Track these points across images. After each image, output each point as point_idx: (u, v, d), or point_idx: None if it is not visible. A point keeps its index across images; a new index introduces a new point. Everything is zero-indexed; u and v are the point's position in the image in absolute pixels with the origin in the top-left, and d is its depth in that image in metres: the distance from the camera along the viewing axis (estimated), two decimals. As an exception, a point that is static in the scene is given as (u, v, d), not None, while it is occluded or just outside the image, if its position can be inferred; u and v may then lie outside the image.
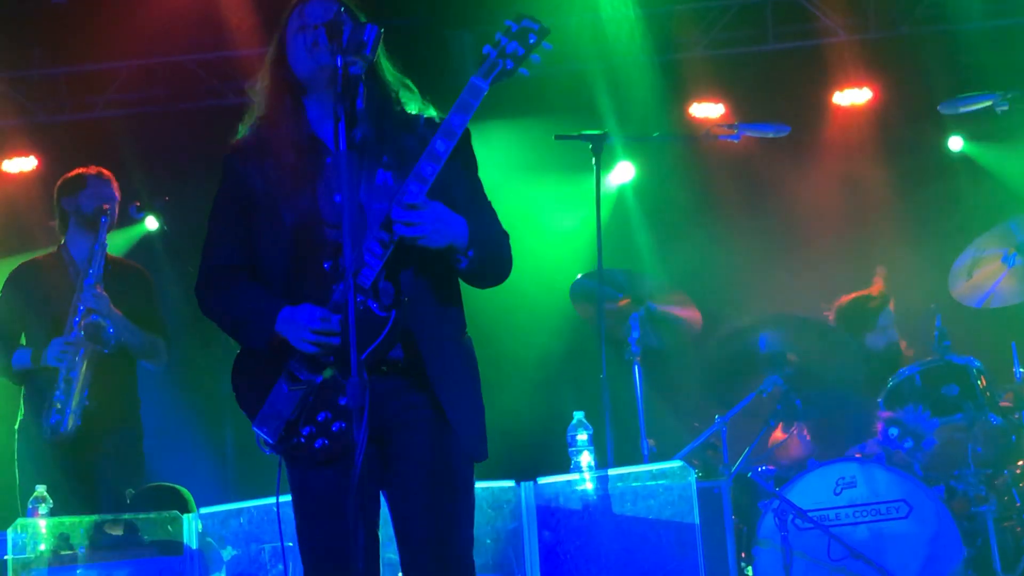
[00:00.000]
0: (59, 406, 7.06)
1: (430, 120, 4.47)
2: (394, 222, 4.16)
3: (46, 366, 7.14)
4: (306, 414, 4.29)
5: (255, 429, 4.38)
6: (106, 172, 7.61)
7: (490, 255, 4.41)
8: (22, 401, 7.37)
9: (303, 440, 4.29)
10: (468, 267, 4.33)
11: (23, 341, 7.41)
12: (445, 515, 4.31)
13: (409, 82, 4.57)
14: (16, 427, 7.35)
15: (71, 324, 7.16)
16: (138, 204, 7.52)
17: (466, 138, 4.40)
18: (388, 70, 4.51)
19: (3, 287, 7.55)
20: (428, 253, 4.25)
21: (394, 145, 4.36)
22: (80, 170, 7.57)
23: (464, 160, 4.42)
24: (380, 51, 4.47)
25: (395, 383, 4.27)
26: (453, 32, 10.27)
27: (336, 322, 4.19)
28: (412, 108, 4.52)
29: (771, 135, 7.79)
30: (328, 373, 4.25)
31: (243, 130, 4.54)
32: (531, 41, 4.30)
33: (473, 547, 4.41)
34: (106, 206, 7.38)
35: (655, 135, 9.00)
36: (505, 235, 4.53)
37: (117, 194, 7.54)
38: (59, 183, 7.56)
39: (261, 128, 4.48)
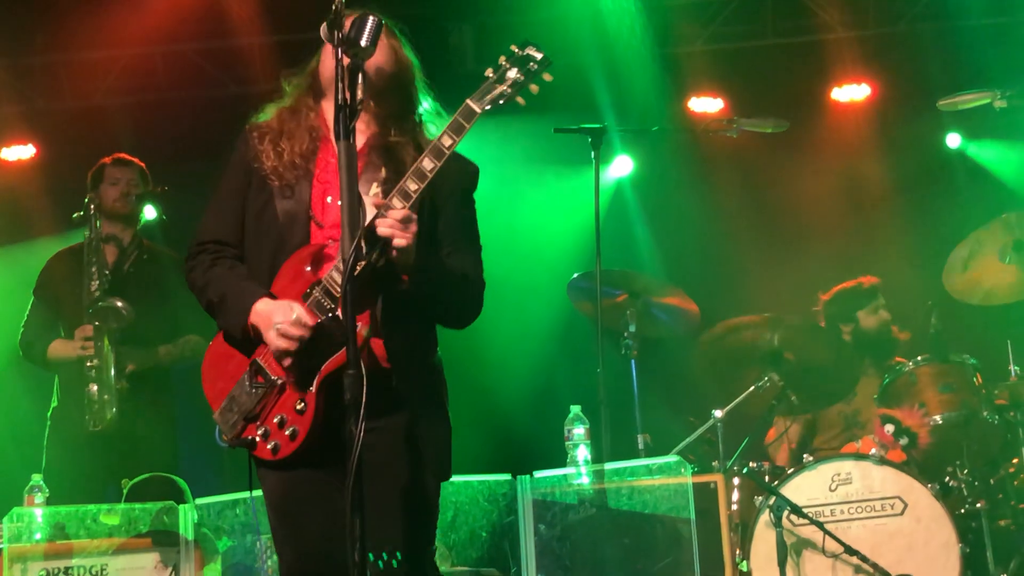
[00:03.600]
0: (95, 396, 7.08)
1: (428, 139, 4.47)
2: (378, 234, 4.15)
3: (70, 357, 7.18)
4: (264, 414, 4.31)
5: (215, 420, 4.40)
6: (126, 157, 7.62)
7: (434, 297, 4.38)
8: (56, 389, 7.40)
9: (256, 439, 4.31)
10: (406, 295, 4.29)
11: (61, 332, 7.45)
12: (406, 527, 4.29)
13: (441, 110, 4.58)
14: (48, 414, 7.39)
15: (87, 314, 7.20)
16: (136, 193, 7.52)
17: (472, 176, 4.46)
18: (420, 90, 4.54)
19: (38, 277, 7.59)
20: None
21: (397, 160, 4.38)
22: (103, 160, 7.60)
23: (462, 193, 4.45)
24: (416, 73, 4.52)
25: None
26: (453, 24, 10.28)
27: (308, 323, 4.19)
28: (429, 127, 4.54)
29: (770, 130, 7.79)
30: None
31: (269, 111, 4.60)
32: (532, 70, 4.28)
33: (434, 558, 4.42)
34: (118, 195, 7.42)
35: (654, 129, 8.99)
36: (476, 283, 4.51)
37: (141, 180, 7.55)
38: (89, 174, 7.59)
39: (281, 117, 4.54)
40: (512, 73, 4.28)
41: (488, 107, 4.27)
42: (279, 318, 4.20)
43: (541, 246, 10.12)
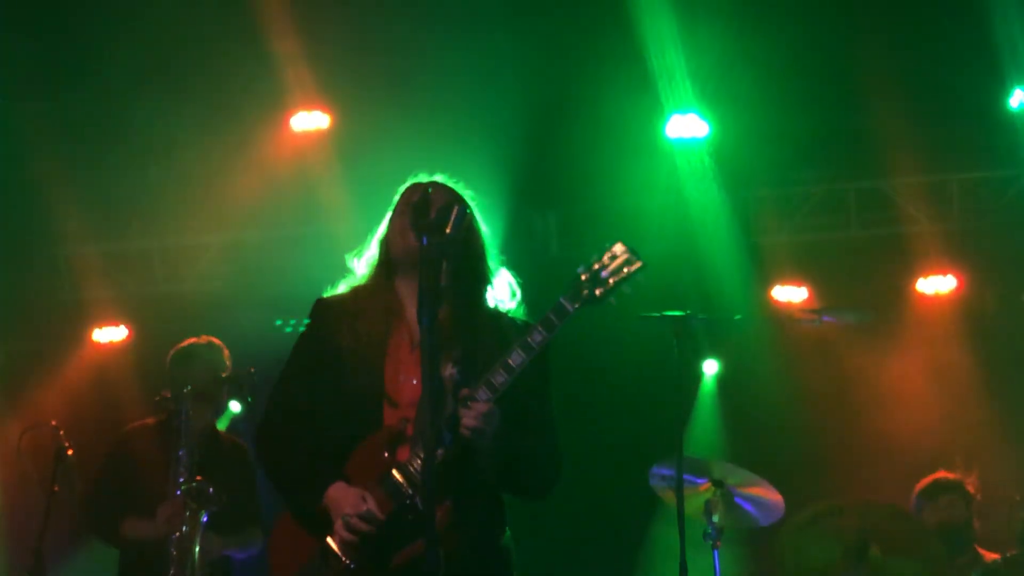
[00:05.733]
0: None
1: (513, 321, 4.51)
2: (461, 425, 4.14)
3: (156, 534, 7.05)
4: None
5: None
6: (216, 342, 7.65)
7: (514, 477, 4.39)
8: (117, 568, 7.29)
9: None
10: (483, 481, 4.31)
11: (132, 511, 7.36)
12: None
13: (513, 284, 4.62)
14: None
15: (177, 494, 7.09)
16: (222, 376, 7.54)
17: (544, 350, 4.35)
18: (490, 263, 4.57)
19: (110, 451, 7.53)
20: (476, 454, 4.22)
21: (471, 338, 4.38)
22: (191, 340, 7.62)
23: (537, 370, 4.37)
24: (486, 246, 4.55)
25: None
26: (537, 211, 10.43)
27: (378, 518, 4.17)
28: (503, 304, 4.56)
29: (854, 321, 7.77)
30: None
31: (343, 288, 4.62)
32: (625, 272, 4.27)
33: None
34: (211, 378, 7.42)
35: (737, 318, 9.00)
36: (554, 456, 4.49)
37: (228, 364, 7.57)
38: (171, 354, 7.60)
39: (355, 295, 4.56)
40: (605, 275, 4.27)
41: (581, 307, 4.26)
42: (349, 510, 4.19)
43: (623, 432, 10.07)
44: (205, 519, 6.89)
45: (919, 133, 9.74)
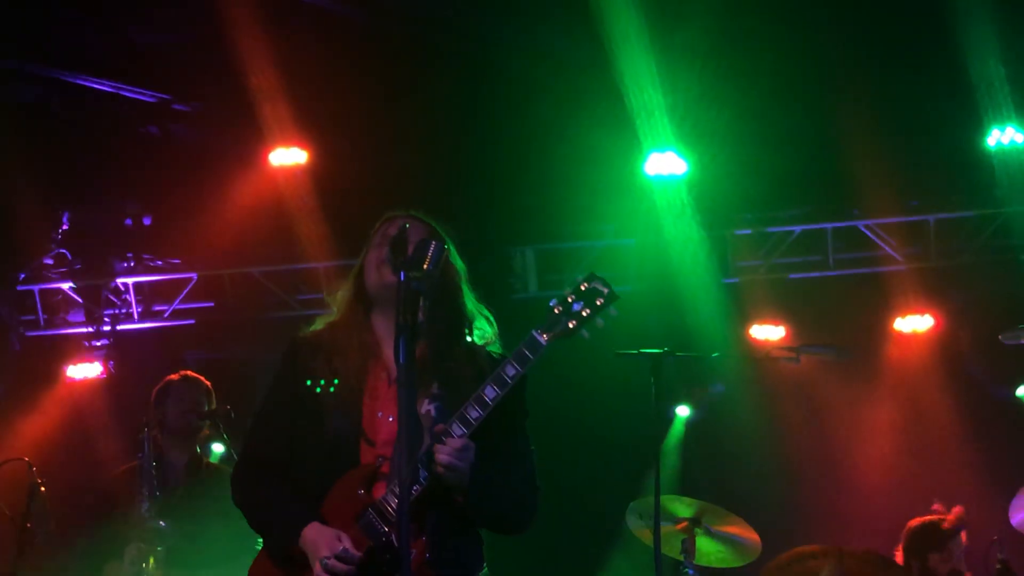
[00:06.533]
0: None
1: (490, 356, 4.46)
2: (436, 462, 4.11)
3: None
4: None
5: None
6: (193, 376, 7.58)
7: (489, 513, 4.34)
8: None
9: None
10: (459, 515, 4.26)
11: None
12: None
13: (489, 315, 4.58)
14: None
15: (133, 535, 7.05)
16: (200, 412, 7.48)
17: (520, 384, 4.30)
18: (466, 297, 4.52)
19: (93, 507, 7.47)
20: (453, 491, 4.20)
21: (448, 374, 4.34)
22: (169, 377, 7.56)
23: (514, 404, 4.34)
24: (463, 281, 4.50)
25: None
26: (516, 249, 10.43)
27: (355, 556, 4.11)
28: (480, 338, 4.52)
29: (832, 360, 7.76)
30: None
31: (319, 324, 4.57)
32: (597, 304, 4.24)
33: None
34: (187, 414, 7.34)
35: (714, 355, 8.99)
36: (531, 492, 4.45)
37: (207, 398, 7.49)
38: (153, 392, 7.56)
39: (332, 331, 4.50)
40: (578, 307, 4.24)
41: (553, 340, 4.23)
42: (325, 552, 4.13)
43: (599, 468, 10.05)
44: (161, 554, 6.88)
45: (896, 173, 9.78)
